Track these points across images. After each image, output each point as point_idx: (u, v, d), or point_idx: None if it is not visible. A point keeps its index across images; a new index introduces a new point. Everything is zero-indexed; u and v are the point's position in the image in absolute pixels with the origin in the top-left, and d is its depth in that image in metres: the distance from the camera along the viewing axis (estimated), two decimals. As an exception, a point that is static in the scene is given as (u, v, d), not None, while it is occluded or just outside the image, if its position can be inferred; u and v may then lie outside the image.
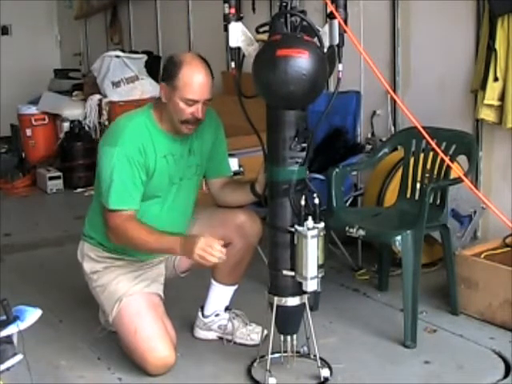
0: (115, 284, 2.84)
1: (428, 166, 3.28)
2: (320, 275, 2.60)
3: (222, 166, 2.99)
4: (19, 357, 2.33)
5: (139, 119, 2.74)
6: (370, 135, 4.32)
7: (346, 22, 2.49)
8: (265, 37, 2.54)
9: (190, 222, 2.93)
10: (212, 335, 3.05)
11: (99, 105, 5.97)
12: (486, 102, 3.55)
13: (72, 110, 6.18)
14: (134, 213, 2.69)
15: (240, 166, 3.68)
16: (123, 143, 2.66)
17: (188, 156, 2.82)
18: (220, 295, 2.98)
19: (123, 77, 5.95)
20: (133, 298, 2.80)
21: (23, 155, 6.48)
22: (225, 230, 2.87)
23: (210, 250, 2.53)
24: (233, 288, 3.00)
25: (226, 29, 2.59)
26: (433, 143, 2.56)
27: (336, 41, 2.52)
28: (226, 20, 2.58)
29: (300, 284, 2.60)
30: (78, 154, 6.03)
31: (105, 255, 2.88)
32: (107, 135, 2.78)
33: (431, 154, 3.23)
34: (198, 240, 2.55)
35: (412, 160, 3.36)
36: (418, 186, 3.31)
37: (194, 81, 2.63)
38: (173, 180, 2.79)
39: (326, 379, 2.70)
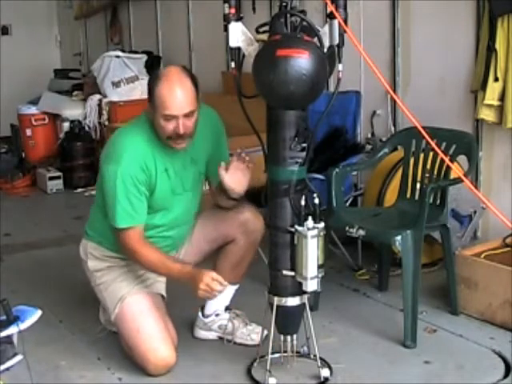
0: (118, 282, 2.85)
1: (428, 166, 3.28)
2: (320, 275, 2.60)
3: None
4: (19, 357, 2.33)
5: (139, 136, 2.68)
6: (369, 135, 4.32)
7: (346, 22, 2.49)
8: (265, 37, 2.53)
9: (192, 225, 2.95)
10: (212, 335, 3.05)
11: (99, 105, 5.98)
12: (485, 102, 3.55)
13: (72, 110, 6.19)
14: (142, 228, 2.70)
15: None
16: (126, 163, 2.62)
17: (190, 165, 2.80)
18: (220, 294, 2.98)
19: (123, 77, 5.96)
20: (136, 297, 2.81)
21: (23, 155, 6.49)
22: (228, 227, 2.89)
23: (211, 285, 2.59)
24: (234, 287, 3.00)
25: (225, 29, 2.58)
26: (433, 143, 2.56)
27: (336, 41, 2.52)
28: (226, 20, 2.57)
29: (300, 284, 2.60)
30: (78, 154, 6.03)
31: (110, 255, 2.88)
32: (109, 152, 2.71)
33: (431, 153, 3.23)
34: (201, 278, 2.59)
35: (412, 160, 3.36)
36: (418, 186, 3.31)
37: (169, 96, 2.56)
38: (176, 191, 2.78)
39: (326, 379, 2.70)
